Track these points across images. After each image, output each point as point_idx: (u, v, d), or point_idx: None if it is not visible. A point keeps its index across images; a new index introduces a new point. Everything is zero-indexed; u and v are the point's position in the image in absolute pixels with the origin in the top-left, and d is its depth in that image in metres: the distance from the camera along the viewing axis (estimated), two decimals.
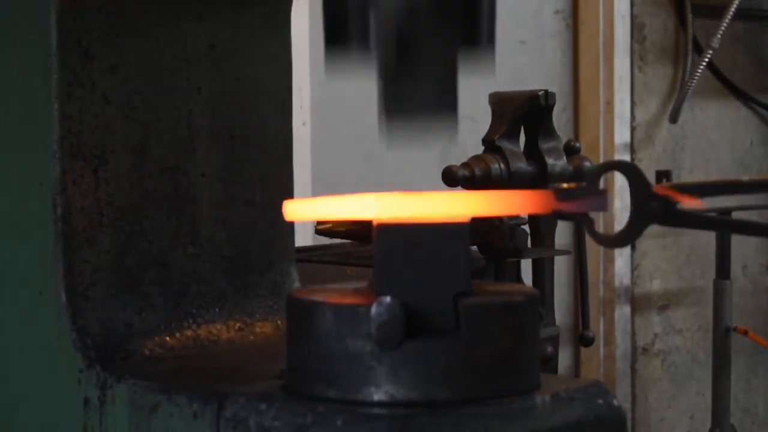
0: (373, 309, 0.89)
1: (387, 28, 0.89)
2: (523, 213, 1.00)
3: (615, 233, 0.92)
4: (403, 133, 0.94)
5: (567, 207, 0.92)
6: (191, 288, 1.16)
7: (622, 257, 4.05)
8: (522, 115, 1.83)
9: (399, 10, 0.89)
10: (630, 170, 0.91)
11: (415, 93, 0.92)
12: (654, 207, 0.91)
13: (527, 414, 0.92)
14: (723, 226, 0.94)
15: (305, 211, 1.00)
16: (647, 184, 0.91)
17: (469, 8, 0.92)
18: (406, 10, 0.90)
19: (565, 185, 0.92)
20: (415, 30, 0.90)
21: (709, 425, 3.76)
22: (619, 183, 4.03)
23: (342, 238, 1.88)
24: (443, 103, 0.93)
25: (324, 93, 3.22)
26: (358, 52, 0.92)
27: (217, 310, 1.17)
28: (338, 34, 0.93)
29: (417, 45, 0.90)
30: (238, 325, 1.18)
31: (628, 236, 0.92)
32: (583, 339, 2.03)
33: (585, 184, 0.92)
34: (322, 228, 1.86)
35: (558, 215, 0.93)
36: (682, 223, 0.92)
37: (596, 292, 3.99)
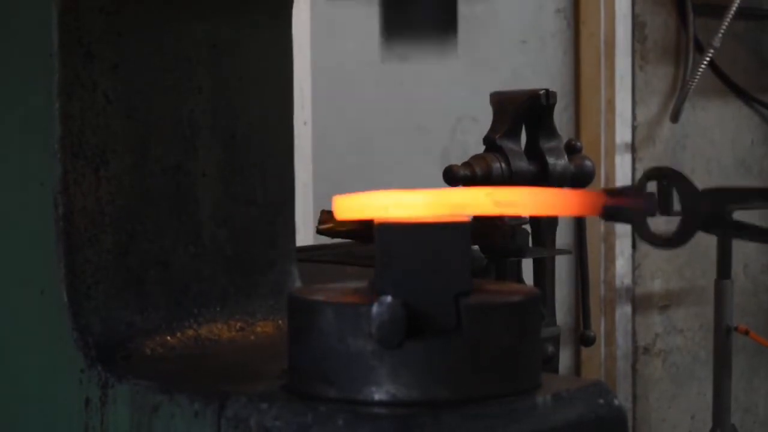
0: (374, 308, 0.89)
1: None
2: (572, 214, 1.00)
3: (666, 234, 0.92)
4: (404, 53, 0.93)
5: (617, 202, 0.91)
6: (192, 287, 1.16)
7: (623, 257, 4.05)
8: (523, 114, 1.83)
9: None
10: (675, 177, 0.91)
11: (414, 15, 0.92)
12: (703, 210, 0.91)
13: (528, 414, 0.92)
14: None
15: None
16: (694, 188, 0.91)
17: None
18: None
19: (614, 187, 0.92)
20: None
21: (710, 425, 3.76)
22: (620, 182, 4.03)
23: (343, 237, 1.88)
24: (443, 26, 0.92)
25: (325, 92, 3.22)
26: None
27: (218, 309, 1.17)
28: None
29: None
30: (239, 324, 1.18)
31: (680, 238, 0.92)
32: (584, 339, 2.03)
33: (633, 188, 0.92)
34: (323, 228, 1.86)
35: (607, 217, 0.92)
36: (729, 229, 0.92)
37: (597, 291, 3.99)
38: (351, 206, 0.96)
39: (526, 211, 0.93)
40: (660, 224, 0.91)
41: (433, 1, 0.91)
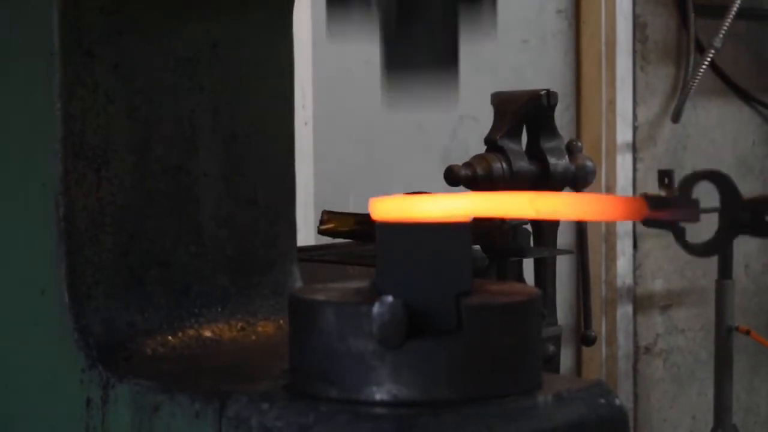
0: (375, 308, 0.89)
1: None
2: (615, 219, 1.00)
3: (703, 242, 0.92)
4: (405, 92, 0.93)
5: (658, 215, 0.91)
6: (193, 287, 1.16)
7: (624, 256, 4.04)
8: (524, 114, 1.83)
9: None
10: (721, 180, 0.91)
11: (416, 50, 0.91)
12: (743, 217, 0.91)
13: (529, 414, 0.92)
14: None
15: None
16: (738, 194, 0.91)
17: None
18: None
19: (657, 194, 0.92)
20: None
21: (711, 425, 3.75)
22: (621, 183, 4.03)
23: (344, 237, 1.88)
24: (444, 61, 0.92)
25: (326, 92, 3.22)
26: (360, 10, 0.91)
27: (219, 309, 1.17)
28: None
29: (417, 1, 0.90)
30: (240, 324, 1.18)
31: (717, 245, 0.92)
32: (585, 339, 2.03)
33: (677, 193, 0.92)
34: (325, 228, 1.86)
35: (649, 223, 0.92)
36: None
37: (598, 291, 3.99)
38: (392, 209, 0.95)
39: (566, 218, 0.93)
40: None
41: (434, 38, 0.91)
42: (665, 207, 0.91)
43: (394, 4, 0.90)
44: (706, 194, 0.95)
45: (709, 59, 4.02)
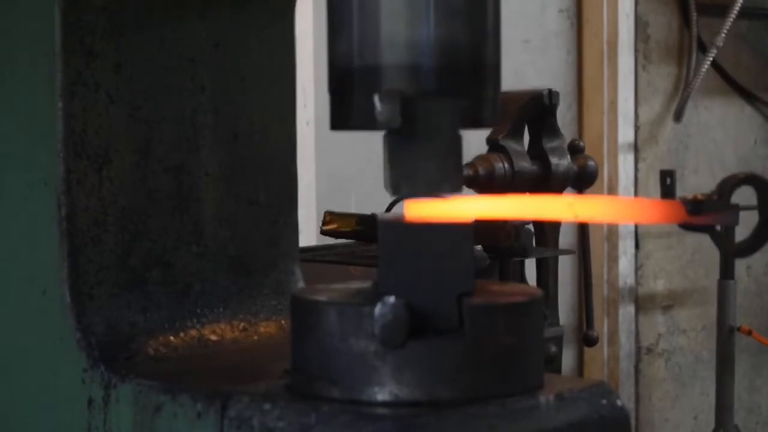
0: (377, 309, 0.89)
1: (393, 110, 0.90)
2: (653, 222, 1.00)
3: (740, 242, 0.93)
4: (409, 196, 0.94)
5: (697, 220, 0.91)
6: (195, 287, 1.16)
7: (626, 257, 4.04)
8: (526, 114, 1.83)
9: (404, 90, 0.90)
10: (759, 183, 0.92)
11: (420, 173, 0.92)
12: None
13: (531, 414, 0.92)
14: None
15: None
16: None
17: (474, 88, 0.92)
18: (411, 89, 0.90)
19: (695, 197, 0.92)
20: (421, 110, 0.90)
21: (712, 425, 3.75)
22: (623, 182, 4.03)
23: (346, 238, 1.88)
24: (448, 184, 0.93)
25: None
26: (364, 129, 0.93)
27: (221, 309, 1.17)
28: (344, 118, 0.94)
29: (422, 125, 0.91)
30: (242, 324, 1.18)
31: (754, 245, 0.93)
32: (586, 339, 2.03)
33: (716, 197, 0.92)
34: (327, 228, 1.86)
35: (687, 227, 0.92)
36: None
37: (600, 292, 3.99)
38: (430, 211, 0.95)
39: (604, 221, 0.95)
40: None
41: (438, 161, 0.92)
42: (704, 211, 0.91)
43: (399, 125, 0.90)
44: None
45: (711, 58, 4.02)
